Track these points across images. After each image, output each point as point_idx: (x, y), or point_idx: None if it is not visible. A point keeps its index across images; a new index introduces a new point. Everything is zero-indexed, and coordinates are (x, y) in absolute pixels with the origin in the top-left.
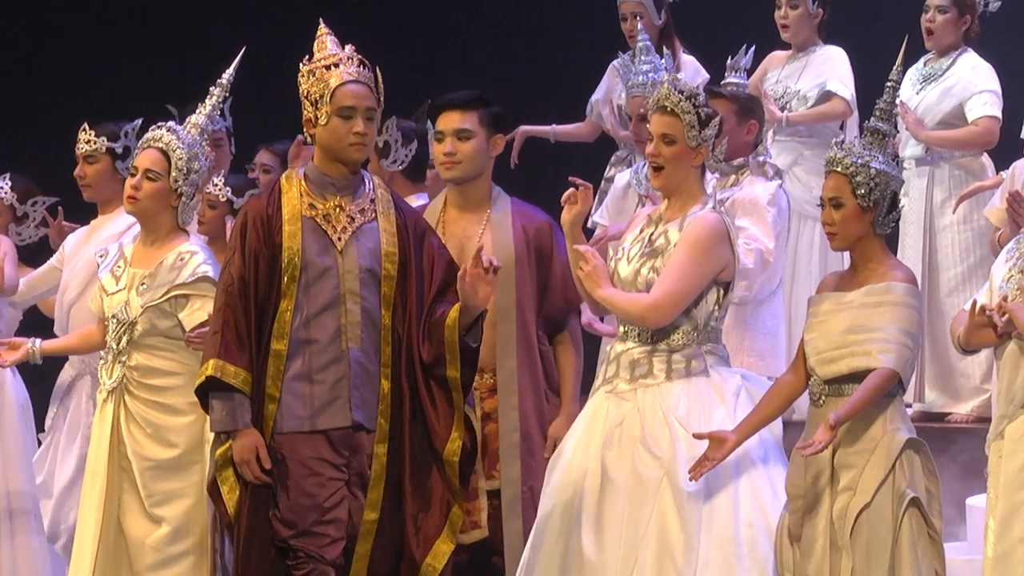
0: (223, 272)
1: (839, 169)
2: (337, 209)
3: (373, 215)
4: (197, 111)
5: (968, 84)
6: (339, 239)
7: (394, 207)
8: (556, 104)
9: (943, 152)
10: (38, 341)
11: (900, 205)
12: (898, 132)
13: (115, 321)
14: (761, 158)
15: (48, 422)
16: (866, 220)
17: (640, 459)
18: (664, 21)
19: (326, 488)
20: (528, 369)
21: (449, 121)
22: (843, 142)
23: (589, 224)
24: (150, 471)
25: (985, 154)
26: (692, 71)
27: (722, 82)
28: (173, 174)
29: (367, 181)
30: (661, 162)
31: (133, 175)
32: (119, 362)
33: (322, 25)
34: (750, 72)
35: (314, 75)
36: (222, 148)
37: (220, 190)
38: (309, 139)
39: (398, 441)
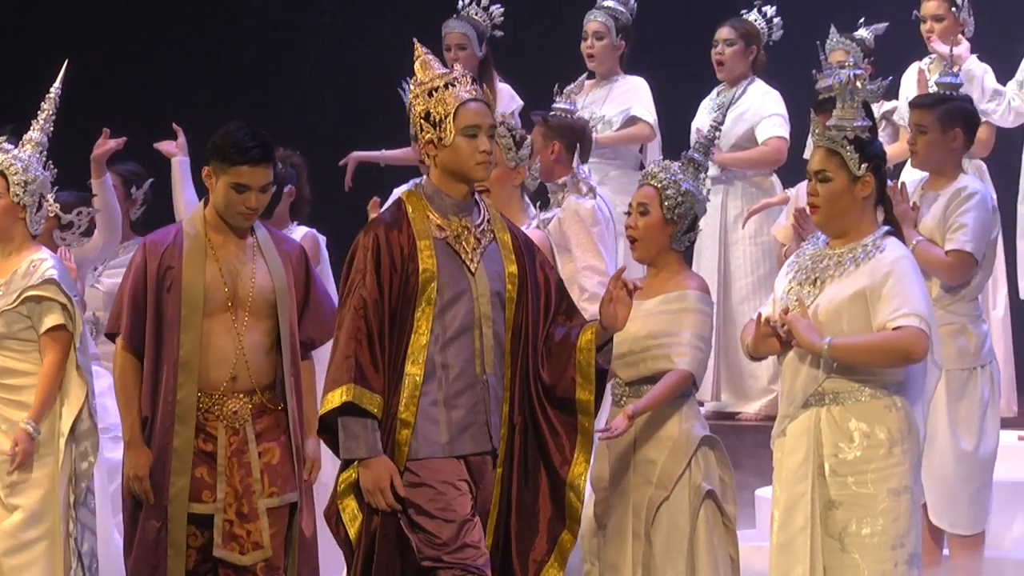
0: (351, 294)
1: (653, 182)
2: (464, 230)
3: (492, 236)
4: (31, 127)
5: (758, 109)
6: (471, 261)
7: (507, 226)
8: (382, 128)
9: (736, 172)
10: None
11: (698, 228)
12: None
13: None
14: (578, 176)
15: None
16: (667, 232)
17: None
18: (484, 53)
19: (467, 502)
20: (296, 390)
21: (256, 177)
22: (663, 161)
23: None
24: (5, 464)
25: (774, 173)
26: (507, 98)
27: (551, 107)
28: (13, 189)
29: (479, 200)
30: (485, 185)
31: None
32: None
33: (419, 46)
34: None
35: (431, 95)
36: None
37: (51, 205)
38: (430, 161)
39: (509, 465)
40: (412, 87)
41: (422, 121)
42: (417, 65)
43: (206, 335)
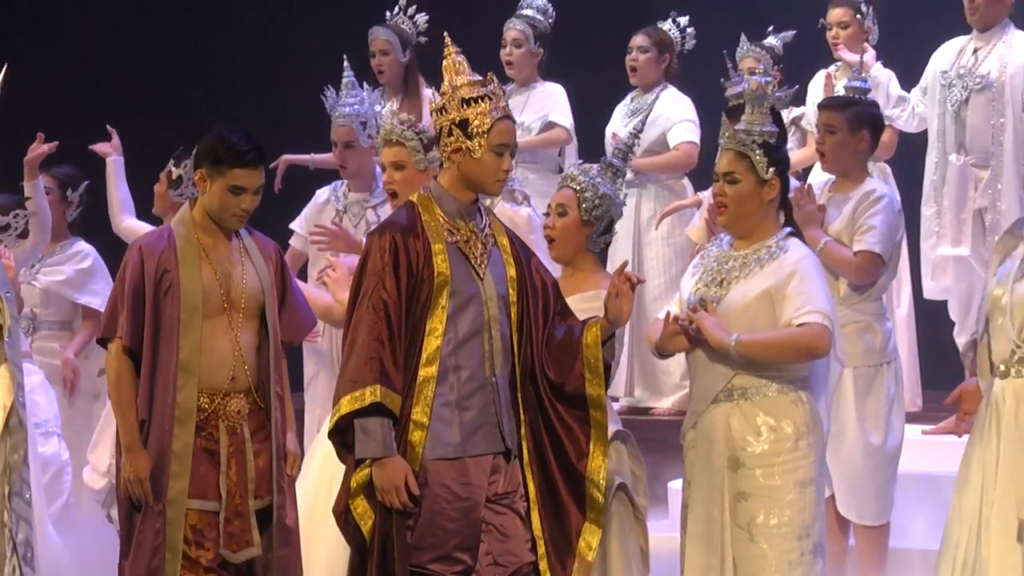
0: (369, 294)
1: (572, 184)
2: (472, 235)
3: (493, 240)
4: None
5: (670, 115)
6: (480, 265)
7: (504, 231)
8: (309, 132)
9: (649, 175)
10: None
11: (614, 231)
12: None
13: None
14: (510, 184)
15: None
16: (583, 233)
17: None
18: (409, 59)
19: (469, 514)
20: (278, 388)
21: (252, 179)
22: (582, 164)
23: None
24: None
25: (685, 177)
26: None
27: None
28: None
29: (481, 206)
30: (395, 188)
31: None
32: None
33: (450, 43)
34: None
35: (469, 105)
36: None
37: None
38: (450, 164)
39: (531, 467)
40: (444, 88)
41: (454, 127)
42: (447, 63)
43: (207, 337)
